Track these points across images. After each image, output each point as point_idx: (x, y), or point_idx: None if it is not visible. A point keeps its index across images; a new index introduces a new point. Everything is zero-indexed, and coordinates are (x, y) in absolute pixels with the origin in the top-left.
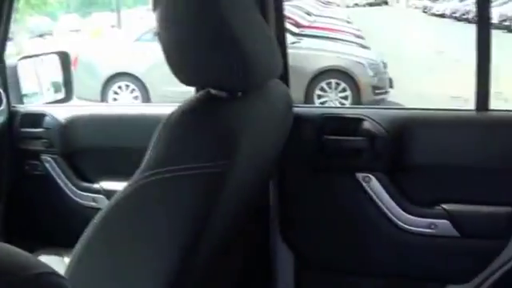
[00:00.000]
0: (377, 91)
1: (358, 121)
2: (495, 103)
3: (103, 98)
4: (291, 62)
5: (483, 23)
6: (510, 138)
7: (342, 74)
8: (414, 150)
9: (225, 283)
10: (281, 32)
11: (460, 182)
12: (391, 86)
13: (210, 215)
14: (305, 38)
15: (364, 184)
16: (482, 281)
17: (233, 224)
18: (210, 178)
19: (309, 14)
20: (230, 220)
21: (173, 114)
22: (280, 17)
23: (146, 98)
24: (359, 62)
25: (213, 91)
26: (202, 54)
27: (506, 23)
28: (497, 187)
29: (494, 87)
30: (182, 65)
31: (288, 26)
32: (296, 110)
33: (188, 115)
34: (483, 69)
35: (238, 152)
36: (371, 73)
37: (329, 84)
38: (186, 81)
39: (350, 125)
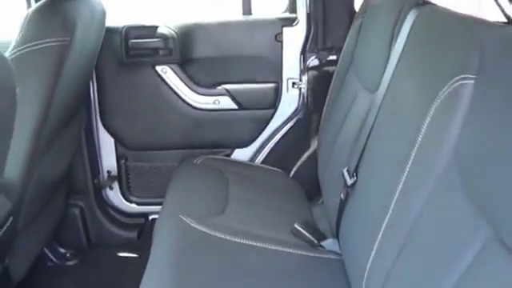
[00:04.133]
0: None
1: (155, 27)
2: None
3: None
4: None
5: None
6: (265, 34)
7: None
8: (199, 46)
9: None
10: None
11: (235, 67)
12: None
13: (56, 85)
14: None
15: (162, 74)
16: (263, 143)
17: (72, 98)
18: (56, 51)
19: None
20: (71, 94)
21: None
22: None
23: None
24: None
25: None
26: None
27: None
28: (265, 70)
29: None
30: None
31: None
32: (107, 22)
33: (41, 8)
34: None
35: (75, 31)
36: None
37: None
38: None
39: (149, 30)
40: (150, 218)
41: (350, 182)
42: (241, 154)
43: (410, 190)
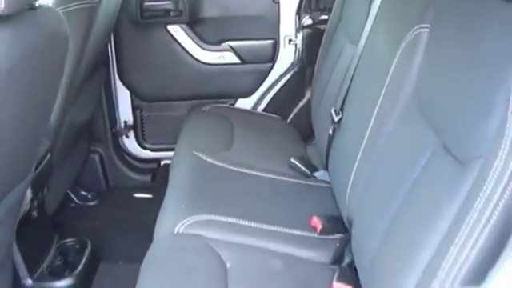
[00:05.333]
0: None
1: None
2: None
3: None
4: None
5: None
6: None
7: None
8: (206, 7)
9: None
10: None
11: (238, 26)
12: None
13: (86, 43)
14: None
15: (173, 33)
16: (263, 93)
17: (96, 55)
18: (87, 12)
19: None
20: (95, 51)
21: None
22: None
23: None
24: None
25: None
26: None
27: None
28: (264, 28)
29: None
30: None
31: None
32: None
33: None
34: None
35: None
36: None
37: None
38: None
39: None
40: (162, 163)
41: (336, 118)
42: (243, 103)
43: (381, 119)
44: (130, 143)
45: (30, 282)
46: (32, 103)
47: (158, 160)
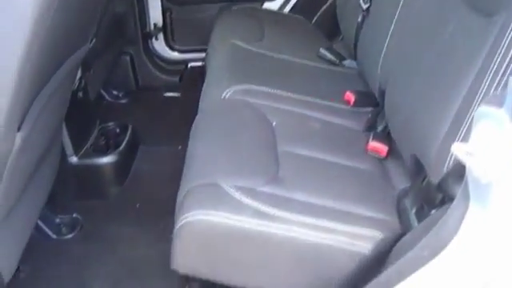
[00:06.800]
0: None
1: None
2: None
3: None
4: None
5: None
6: None
7: None
8: None
9: None
10: None
11: None
12: None
13: None
14: None
15: None
16: None
17: None
18: None
19: None
20: None
21: None
22: None
23: None
24: None
25: None
26: None
27: None
28: None
29: None
30: None
31: None
32: None
33: None
34: None
35: None
36: None
37: None
38: None
39: None
40: (190, 65)
41: (365, 6)
42: (270, 5)
43: None
44: (160, 45)
45: (75, 159)
46: None
47: (185, 62)
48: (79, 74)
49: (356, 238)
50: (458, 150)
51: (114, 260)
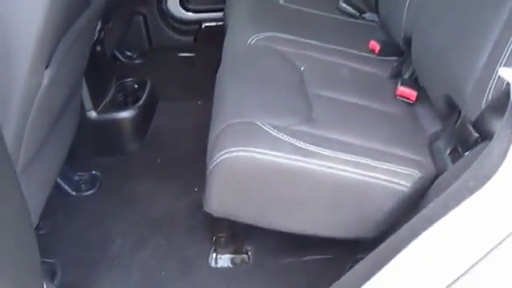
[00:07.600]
0: None
1: None
2: None
3: None
4: None
5: None
6: None
7: None
8: None
9: None
10: None
11: None
12: None
13: None
14: None
15: None
16: None
17: None
18: None
19: None
20: None
21: None
22: None
23: None
24: None
25: None
26: None
27: None
28: None
29: None
30: None
31: None
32: None
33: None
34: None
35: None
36: None
37: None
38: None
39: None
40: (204, 25)
41: None
42: None
43: None
44: (173, 5)
45: (94, 114)
46: None
47: (199, 22)
48: (99, 26)
49: (395, 176)
50: (506, 73)
51: (136, 216)
